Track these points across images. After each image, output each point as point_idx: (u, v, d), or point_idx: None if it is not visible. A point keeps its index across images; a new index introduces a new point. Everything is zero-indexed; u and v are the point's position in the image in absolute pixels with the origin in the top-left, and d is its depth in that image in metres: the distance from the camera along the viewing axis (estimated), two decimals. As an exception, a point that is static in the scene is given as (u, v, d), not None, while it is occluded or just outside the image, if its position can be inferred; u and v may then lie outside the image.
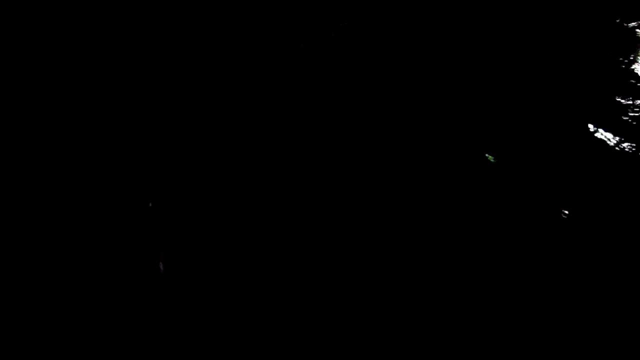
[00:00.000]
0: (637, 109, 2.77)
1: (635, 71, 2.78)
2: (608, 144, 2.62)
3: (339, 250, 2.00)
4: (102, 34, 2.27)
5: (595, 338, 1.82)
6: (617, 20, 3.22)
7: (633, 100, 2.73)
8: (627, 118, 2.73)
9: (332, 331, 1.76)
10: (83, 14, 2.24)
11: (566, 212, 2.26)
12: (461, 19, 2.88)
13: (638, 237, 2.13)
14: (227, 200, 2.08)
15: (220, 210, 2.05)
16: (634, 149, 2.57)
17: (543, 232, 2.19)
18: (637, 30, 3.07)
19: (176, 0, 2.38)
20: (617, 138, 2.64)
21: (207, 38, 2.45)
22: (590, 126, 2.71)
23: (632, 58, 2.84)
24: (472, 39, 2.86)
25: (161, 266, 1.80)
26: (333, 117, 2.49)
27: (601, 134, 2.66)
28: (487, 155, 2.23)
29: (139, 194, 1.99)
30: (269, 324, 1.75)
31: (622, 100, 2.83)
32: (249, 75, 2.49)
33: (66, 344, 1.59)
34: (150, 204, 1.97)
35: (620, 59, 3.02)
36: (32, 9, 2.15)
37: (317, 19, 2.64)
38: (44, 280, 1.71)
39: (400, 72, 2.69)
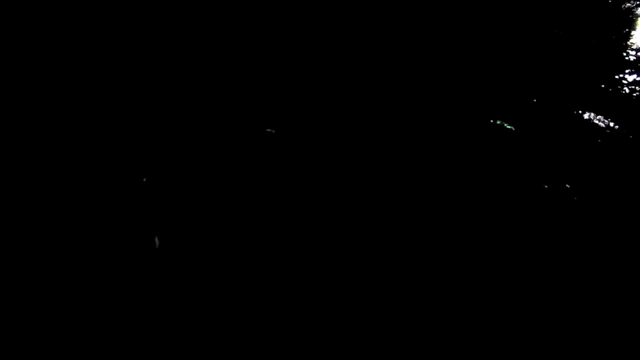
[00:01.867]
0: (632, 84, 2.77)
1: (631, 46, 2.78)
2: (602, 126, 2.61)
3: (339, 242, 1.96)
4: (107, 34, 2.23)
5: (596, 337, 1.79)
6: (611, 1, 3.24)
7: (629, 74, 2.73)
8: (622, 93, 2.73)
9: (332, 328, 1.72)
10: (83, 13, 2.21)
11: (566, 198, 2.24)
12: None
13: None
14: (223, 186, 2.04)
15: (216, 194, 2.00)
16: (629, 130, 2.56)
17: (543, 222, 2.17)
18: (633, 9, 3.08)
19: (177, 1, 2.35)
20: (612, 122, 2.64)
21: (209, 38, 2.43)
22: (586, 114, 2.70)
23: (626, 32, 2.84)
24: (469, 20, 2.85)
25: (156, 240, 1.74)
26: (331, 111, 2.46)
27: (598, 120, 2.65)
28: (503, 123, 2.21)
29: (134, 170, 1.94)
30: (266, 310, 1.70)
31: (617, 76, 2.82)
32: (250, 73, 2.46)
33: (61, 327, 1.52)
34: (145, 179, 1.91)
35: (614, 36, 3.03)
36: (32, 9, 2.12)
37: (316, 19, 2.63)
38: (39, 258, 1.65)
39: (397, 65, 2.67)
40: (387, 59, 2.67)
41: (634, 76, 2.79)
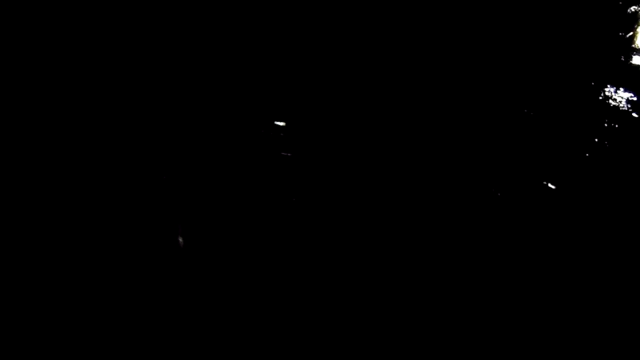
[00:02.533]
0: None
1: (635, 47, 2.85)
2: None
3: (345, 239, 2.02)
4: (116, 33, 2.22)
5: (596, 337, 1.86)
6: (620, 3, 3.28)
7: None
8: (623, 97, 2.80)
9: (334, 327, 1.78)
10: (86, 13, 2.19)
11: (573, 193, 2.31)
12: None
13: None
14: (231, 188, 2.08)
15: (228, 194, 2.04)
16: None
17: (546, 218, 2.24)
18: (638, 12, 3.13)
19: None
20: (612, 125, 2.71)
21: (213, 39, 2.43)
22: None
23: (632, 34, 2.91)
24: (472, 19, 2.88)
25: (180, 240, 1.78)
26: (335, 113, 2.50)
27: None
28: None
29: (152, 168, 1.97)
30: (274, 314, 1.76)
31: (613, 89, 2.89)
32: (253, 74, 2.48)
33: (88, 324, 1.58)
34: (164, 177, 1.94)
35: (620, 34, 3.08)
36: (32, 8, 2.10)
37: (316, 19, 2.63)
38: (66, 256, 1.69)
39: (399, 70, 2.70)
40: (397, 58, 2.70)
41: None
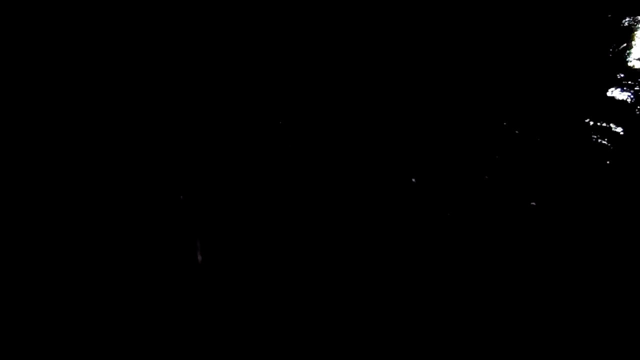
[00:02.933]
0: (631, 99, 2.94)
1: (628, 62, 2.94)
2: (605, 138, 2.76)
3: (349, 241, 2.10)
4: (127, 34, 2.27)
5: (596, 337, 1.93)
6: (610, 16, 3.37)
7: (628, 90, 2.90)
8: (621, 108, 2.90)
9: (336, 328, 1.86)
10: (93, 14, 2.23)
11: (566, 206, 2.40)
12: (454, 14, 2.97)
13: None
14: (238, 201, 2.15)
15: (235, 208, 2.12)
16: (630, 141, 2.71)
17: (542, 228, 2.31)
18: (632, 25, 3.22)
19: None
20: (614, 129, 2.79)
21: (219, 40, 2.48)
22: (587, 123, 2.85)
23: (625, 47, 3.00)
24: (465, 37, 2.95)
25: (199, 256, 1.87)
26: (336, 115, 2.56)
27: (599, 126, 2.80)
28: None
29: (169, 188, 2.05)
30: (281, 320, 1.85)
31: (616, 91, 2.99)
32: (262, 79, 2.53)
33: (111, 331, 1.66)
34: (181, 197, 2.03)
35: (612, 49, 3.17)
36: (34, 9, 2.14)
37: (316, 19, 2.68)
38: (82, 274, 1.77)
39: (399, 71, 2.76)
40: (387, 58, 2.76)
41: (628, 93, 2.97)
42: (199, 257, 1.88)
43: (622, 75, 2.93)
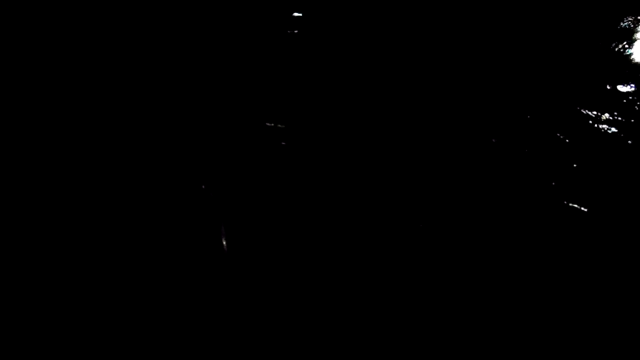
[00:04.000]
0: (634, 96, 3.03)
1: (630, 58, 3.04)
2: (605, 133, 2.83)
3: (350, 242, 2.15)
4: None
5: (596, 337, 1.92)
6: (610, 17, 3.47)
7: (629, 85, 2.99)
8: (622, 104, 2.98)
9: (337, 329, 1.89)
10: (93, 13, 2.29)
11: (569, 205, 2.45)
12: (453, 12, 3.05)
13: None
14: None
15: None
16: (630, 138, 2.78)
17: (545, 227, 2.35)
18: (631, 27, 3.32)
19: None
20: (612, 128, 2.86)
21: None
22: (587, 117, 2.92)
23: (625, 45, 3.11)
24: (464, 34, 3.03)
25: (224, 242, 1.93)
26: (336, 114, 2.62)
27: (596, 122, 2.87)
28: None
29: (192, 178, 2.11)
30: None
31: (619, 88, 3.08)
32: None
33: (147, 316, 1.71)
34: (204, 186, 2.09)
35: (613, 46, 3.26)
36: (33, 8, 2.18)
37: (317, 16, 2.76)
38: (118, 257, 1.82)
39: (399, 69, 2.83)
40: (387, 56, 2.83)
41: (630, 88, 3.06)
42: (224, 244, 1.93)
43: (625, 72, 3.02)
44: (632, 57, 2.99)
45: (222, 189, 2.13)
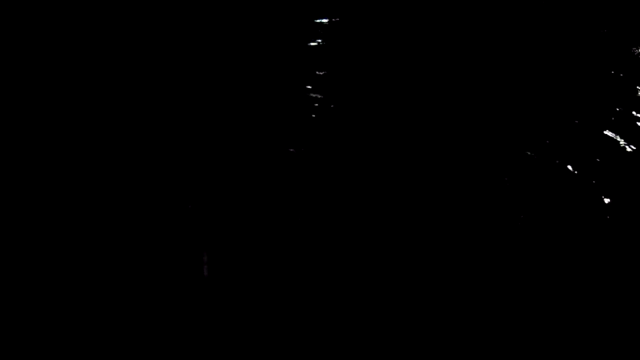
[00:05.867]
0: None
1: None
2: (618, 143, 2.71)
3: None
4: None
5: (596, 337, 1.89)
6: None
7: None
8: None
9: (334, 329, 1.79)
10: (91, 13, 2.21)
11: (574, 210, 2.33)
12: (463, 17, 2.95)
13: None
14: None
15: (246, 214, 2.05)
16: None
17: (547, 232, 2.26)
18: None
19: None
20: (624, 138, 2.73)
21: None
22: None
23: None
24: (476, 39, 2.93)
25: (205, 270, 1.79)
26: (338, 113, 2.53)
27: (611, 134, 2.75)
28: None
29: (178, 197, 1.97)
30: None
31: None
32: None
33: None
34: (190, 206, 1.95)
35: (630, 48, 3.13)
36: (32, 8, 2.11)
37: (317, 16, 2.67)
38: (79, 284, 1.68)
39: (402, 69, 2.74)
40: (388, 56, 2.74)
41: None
42: (205, 271, 1.79)
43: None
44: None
45: (208, 210, 1.99)
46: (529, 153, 2.61)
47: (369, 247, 2.07)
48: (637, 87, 2.84)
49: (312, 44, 2.66)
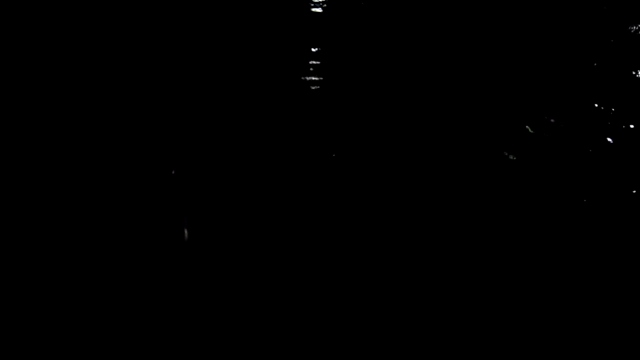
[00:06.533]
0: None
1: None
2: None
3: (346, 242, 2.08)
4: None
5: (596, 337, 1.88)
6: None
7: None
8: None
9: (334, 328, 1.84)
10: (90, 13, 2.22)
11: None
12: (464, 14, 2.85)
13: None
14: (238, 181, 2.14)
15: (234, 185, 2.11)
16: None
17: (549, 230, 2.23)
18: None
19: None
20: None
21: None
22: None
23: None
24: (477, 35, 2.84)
25: (186, 232, 1.88)
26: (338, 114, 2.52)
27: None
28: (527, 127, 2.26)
29: (162, 162, 2.05)
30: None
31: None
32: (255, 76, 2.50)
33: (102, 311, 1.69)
34: (173, 172, 2.03)
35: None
36: (32, 8, 2.13)
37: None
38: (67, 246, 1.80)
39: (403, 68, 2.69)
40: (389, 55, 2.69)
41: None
42: (186, 233, 1.89)
43: None
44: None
45: (191, 176, 2.07)
46: (506, 153, 2.56)
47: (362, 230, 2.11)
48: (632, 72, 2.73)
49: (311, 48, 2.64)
